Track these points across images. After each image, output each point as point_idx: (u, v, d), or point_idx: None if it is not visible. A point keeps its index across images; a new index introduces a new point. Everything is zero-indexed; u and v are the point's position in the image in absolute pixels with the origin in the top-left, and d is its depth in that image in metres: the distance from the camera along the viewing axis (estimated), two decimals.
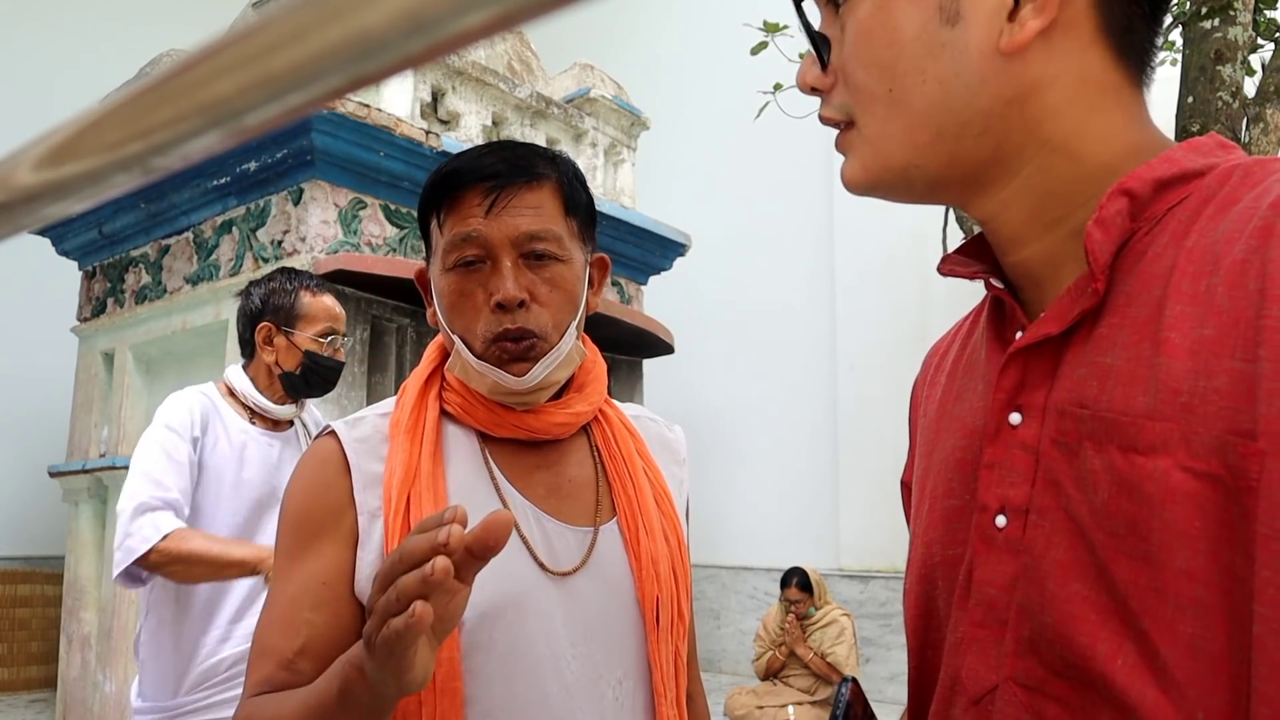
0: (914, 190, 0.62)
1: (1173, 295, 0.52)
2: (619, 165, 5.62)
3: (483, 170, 0.94)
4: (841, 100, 0.61)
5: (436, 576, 0.64)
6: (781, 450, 7.40)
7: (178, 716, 1.96)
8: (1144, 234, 0.55)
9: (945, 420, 0.69)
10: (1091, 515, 0.52)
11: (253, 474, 2.04)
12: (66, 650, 4.75)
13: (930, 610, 0.66)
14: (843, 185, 0.63)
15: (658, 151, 7.30)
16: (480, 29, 0.17)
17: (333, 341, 2.13)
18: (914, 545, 0.70)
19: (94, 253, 5.11)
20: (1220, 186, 0.54)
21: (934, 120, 0.57)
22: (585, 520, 0.98)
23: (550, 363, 0.95)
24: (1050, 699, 0.54)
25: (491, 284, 0.93)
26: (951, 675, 0.61)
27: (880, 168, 0.60)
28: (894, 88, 0.58)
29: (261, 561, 1.90)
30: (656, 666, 0.95)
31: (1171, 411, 0.49)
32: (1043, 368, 0.58)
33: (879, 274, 6.85)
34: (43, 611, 6.53)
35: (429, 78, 4.58)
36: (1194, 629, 0.48)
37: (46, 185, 0.24)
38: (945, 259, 0.67)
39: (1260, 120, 2.65)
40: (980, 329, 0.69)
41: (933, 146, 0.58)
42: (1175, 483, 0.49)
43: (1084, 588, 0.52)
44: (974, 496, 0.61)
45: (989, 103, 0.57)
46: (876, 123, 0.59)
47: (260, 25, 0.19)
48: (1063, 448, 0.55)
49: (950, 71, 0.57)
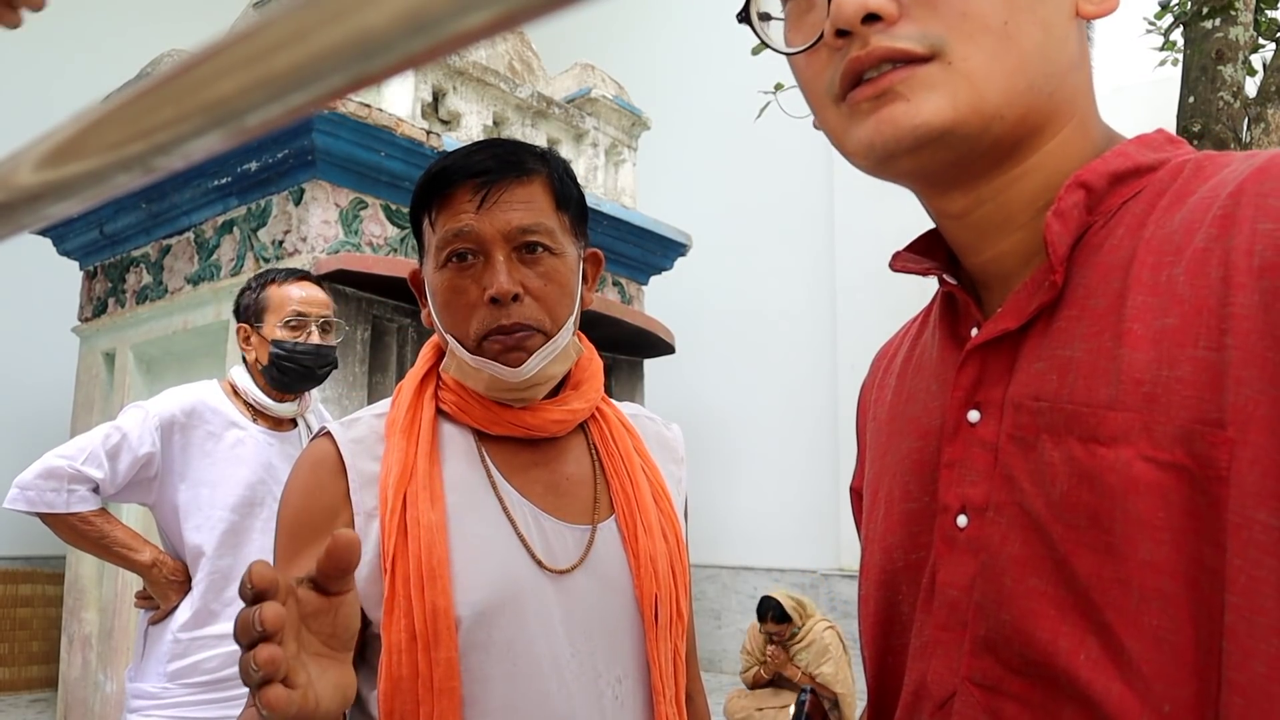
0: (975, 148, 0.54)
1: (1133, 286, 0.51)
2: (619, 165, 5.62)
3: (473, 167, 0.94)
4: (924, 30, 0.53)
5: (268, 627, 0.59)
6: (782, 450, 7.40)
7: (165, 705, 1.98)
8: (1099, 227, 0.55)
9: (898, 423, 0.67)
10: (1049, 509, 0.51)
11: (247, 472, 2.04)
12: (67, 650, 4.75)
13: (893, 616, 0.64)
14: (909, 130, 0.53)
15: (658, 151, 7.30)
16: (481, 29, 0.17)
17: (302, 326, 2.07)
18: (870, 550, 0.68)
19: (95, 253, 5.11)
20: (1173, 180, 0.54)
21: (1033, 67, 0.53)
22: (583, 518, 0.98)
23: (547, 355, 0.95)
24: (1009, 698, 0.53)
25: (485, 279, 0.93)
26: (917, 680, 0.60)
27: (972, 109, 0.52)
28: (1010, 20, 0.52)
29: (157, 565, 2.01)
30: (655, 664, 0.95)
31: (1134, 402, 0.49)
32: (1000, 364, 0.57)
33: (879, 274, 6.84)
34: (43, 611, 6.54)
35: (430, 78, 4.58)
36: (1159, 621, 0.47)
37: (47, 185, 0.24)
38: (896, 256, 0.65)
39: (1261, 120, 2.64)
40: (930, 329, 0.68)
41: (1023, 96, 0.53)
42: (1137, 473, 0.48)
43: (1042, 583, 0.51)
44: (933, 498, 0.60)
45: (1066, 63, 0.55)
46: (984, 56, 0.52)
47: (261, 25, 0.19)
48: (1018, 442, 0.54)
49: (1054, 19, 0.54)
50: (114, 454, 1.97)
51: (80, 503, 1.96)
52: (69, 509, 1.95)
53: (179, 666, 1.98)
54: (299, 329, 2.07)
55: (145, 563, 2.01)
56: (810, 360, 7.34)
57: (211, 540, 1.99)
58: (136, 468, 1.99)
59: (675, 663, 0.98)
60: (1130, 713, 0.48)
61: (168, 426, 2.01)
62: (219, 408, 2.08)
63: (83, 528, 1.98)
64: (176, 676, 1.98)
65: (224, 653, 1.99)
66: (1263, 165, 0.49)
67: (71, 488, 1.94)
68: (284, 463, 2.09)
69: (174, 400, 2.06)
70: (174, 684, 1.97)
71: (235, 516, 2.01)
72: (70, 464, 1.94)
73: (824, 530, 7.01)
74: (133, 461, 1.98)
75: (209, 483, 2.01)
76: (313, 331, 2.08)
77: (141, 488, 2.04)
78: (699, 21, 8.24)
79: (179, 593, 2.03)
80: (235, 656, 1.96)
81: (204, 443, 2.03)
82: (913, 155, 0.54)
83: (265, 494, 2.05)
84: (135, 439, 1.98)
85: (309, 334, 2.07)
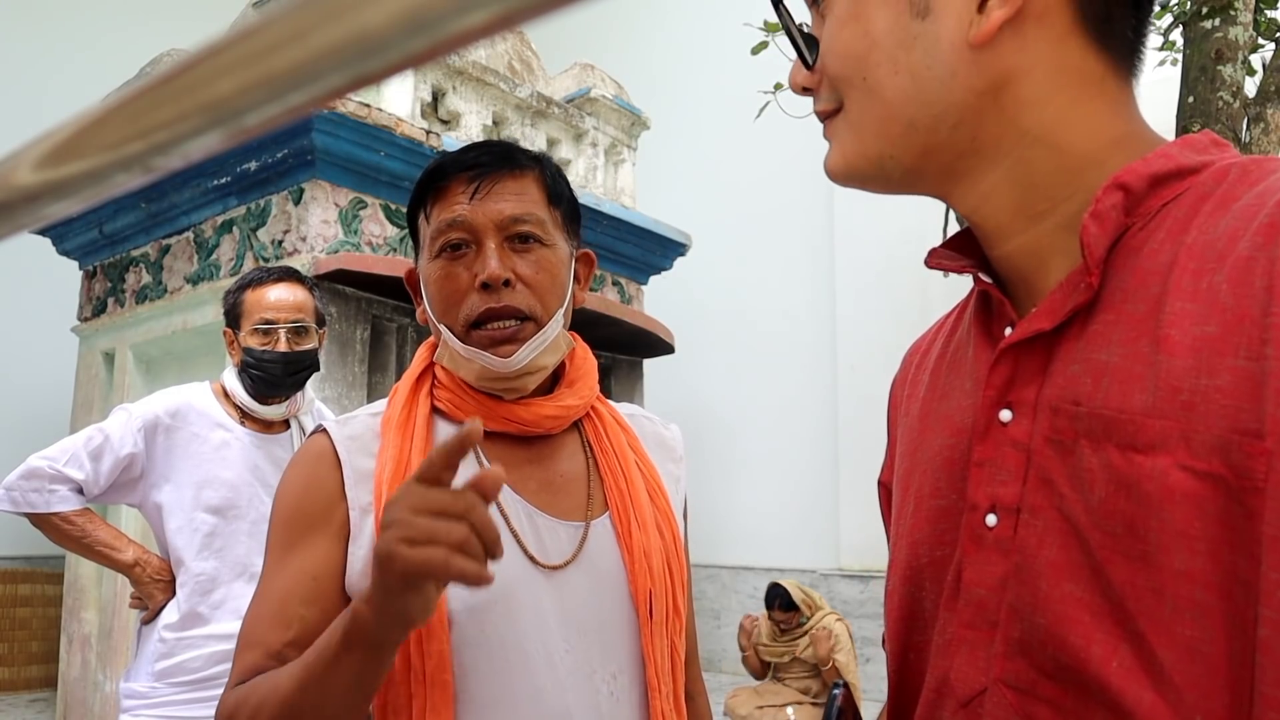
0: (891, 180, 0.62)
1: (1173, 292, 0.51)
2: (619, 165, 5.62)
3: (466, 162, 0.97)
4: (827, 91, 0.62)
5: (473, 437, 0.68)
6: (782, 450, 7.40)
7: (153, 705, 1.98)
8: (1139, 229, 0.54)
9: (930, 419, 0.68)
10: (1087, 514, 0.51)
11: (231, 475, 2.03)
12: (67, 650, 4.75)
13: (916, 612, 0.65)
14: (833, 171, 0.63)
15: (658, 151, 7.30)
16: (481, 29, 0.17)
17: (271, 333, 2.03)
18: (897, 545, 0.69)
19: (94, 252, 5.11)
20: (1218, 184, 0.53)
21: (906, 112, 0.58)
22: (577, 515, 0.98)
23: (537, 345, 0.96)
24: (1041, 701, 0.53)
25: (476, 266, 0.95)
26: (939, 677, 0.60)
27: (857, 155, 0.61)
28: (868, 77, 0.58)
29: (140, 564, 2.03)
30: (650, 660, 0.95)
31: (1171, 409, 0.48)
32: (1034, 364, 0.57)
33: (879, 274, 6.84)
34: (43, 611, 6.53)
35: (429, 77, 4.58)
36: (1193, 631, 0.47)
37: (46, 185, 0.24)
38: (932, 252, 0.66)
39: (1261, 120, 2.64)
40: (965, 325, 0.68)
41: (905, 137, 0.58)
42: (1174, 482, 0.47)
43: (1078, 588, 0.51)
44: (962, 495, 0.60)
45: (962, 95, 0.57)
46: (855, 110, 0.60)
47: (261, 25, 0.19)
48: (1056, 445, 0.54)
49: (922, 64, 0.57)
50: (96, 455, 1.98)
51: (61, 503, 1.97)
52: (50, 509, 1.97)
53: (165, 666, 1.98)
54: (268, 336, 2.03)
55: (128, 562, 2.02)
56: (810, 360, 7.33)
57: (193, 543, 2.00)
58: (119, 469, 2.00)
59: (672, 659, 0.99)
60: None
61: (151, 428, 2.01)
62: (206, 410, 2.08)
63: (65, 528, 2.00)
64: (163, 676, 1.98)
65: (208, 653, 1.99)
66: None
67: (52, 488, 1.97)
68: (271, 465, 2.08)
69: (159, 402, 2.06)
70: (161, 683, 1.98)
71: (216, 519, 2.01)
72: (51, 465, 1.96)
73: (824, 530, 7.01)
74: (115, 462, 1.99)
75: (191, 484, 2.01)
76: (280, 338, 2.03)
77: (126, 489, 2.05)
78: (698, 21, 8.24)
79: (164, 592, 2.03)
80: (219, 656, 1.98)
81: (188, 444, 2.03)
82: (853, 184, 0.63)
83: (251, 496, 2.04)
84: (117, 440, 1.99)
85: (277, 341, 2.03)
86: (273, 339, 2.03)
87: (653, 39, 8.66)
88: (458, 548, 0.68)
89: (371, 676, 0.78)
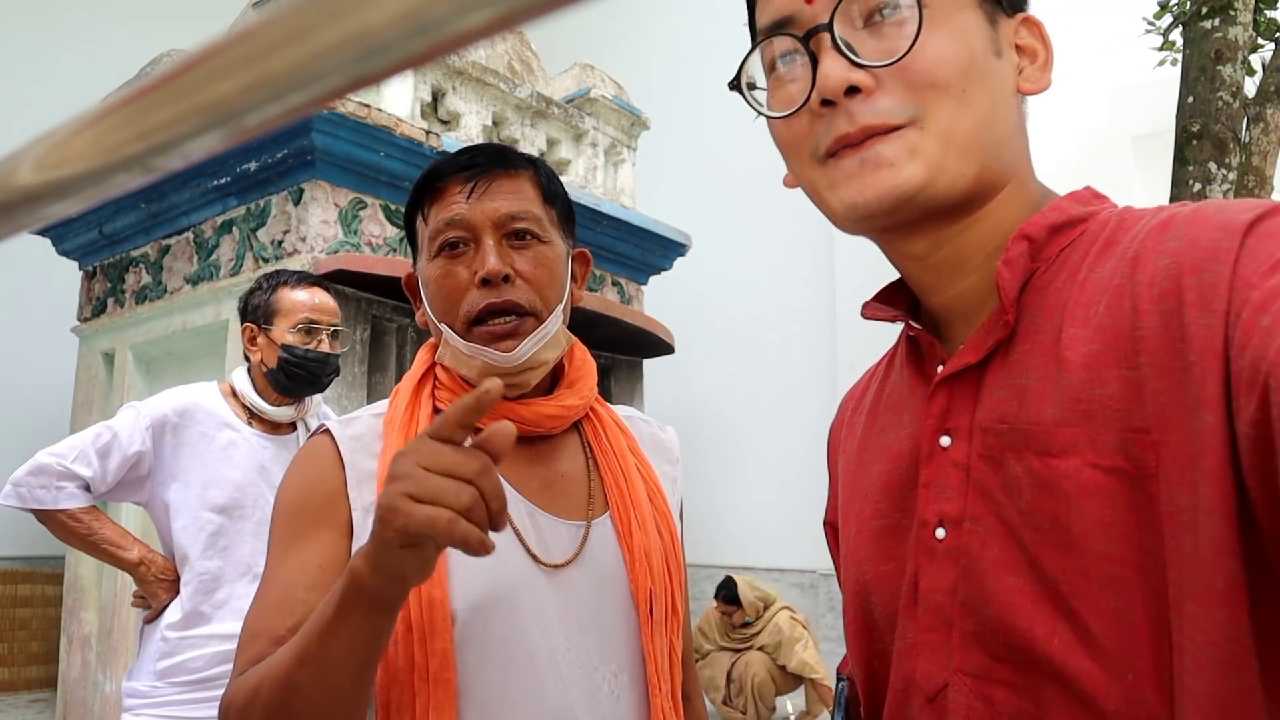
0: (944, 204, 0.62)
1: (1069, 320, 0.59)
2: (619, 165, 5.62)
3: (462, 164, 0.99)
4: (900, 102, 0.60)
5: (493, 394, 0.67)
6: (781, 450, 7.39)
7: (154, 704, 1.98)
8: (1043, 271, 0.63)
9: (868, 453, 0.75)
10: (1019, 516, 0.59)
11: (238, 474, 2.04)
12: (67, 650, 4.75)
13: (869, 623, 0.72)
14: (890, 190, 0.61)
15: (658, 151, 7.30)
16: (481, 29, 0.17)
17: (314, 333, 2.10)
18: (846, 566, 0.76)
19: (94, 253, 5.11)
20: (1102, 230, 0.63)
21: (986, 132, 0.62)
22: (577, 514, 0.99)
23: (538, 340, 0.96)
24: (997, 683, 0.60)
25: (476, 263, 0.96)
26: (905, 678, 0.66)
27: (940, 168, 0.61)
28: (968, 89, 0.62)
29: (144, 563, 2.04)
30: (651, 659, 0.96)
31: (1076, 418, 0.56)
32: (966, 394, 0.65)
33: (879, 275, 6.79)
34: (43, 611, 6.54)
35: (429, 78, 4.58)
36: (1116, 603, 0.54)
37: (46, 185, 0.24)
38: (867, 305, 0.75)
39: (1260, 120, 2.65)
40: (897, 370, 0.77)
41: (978, 157, 0.62)
42: (1086, 479, 0.55)
43: (1018, 580, 0.58)
44: (904, 515, 0.68)
45: (1010, 130, 0.64)
46: (950, 121, 0.61)
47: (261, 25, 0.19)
48: (989, 460, 0.61)
49: (998, 93, 0.63)
50: (104, 452, 1.98)
51: (68, 499, 1.98)
52: (57, 505, 1.97)
53: (166, 665, 1.98)
54: (311, 336, 2.09)
55: (133, 561, 2.03)
56: (810, 360, 7.33)
57: (198, 542, 2.00)
58: (127, 466, 2.00)
59: (671, 658, 1.00)
60: (1099, 685, 0.55)
61: (159, 426, 2.02)
62: (214, 409, 2.08)
63: (71, 524, 2.00)
64: (164, 675, 1.98)
65: (210, 652, 1.99)
66: (1164, 220, 0.58)
67: (60, 484, 1.97)
68: (278, 466, 2.09)
69: (167, 400, 2.07)
70: (162, 682, 1.98)
71: (222, 518, 2.01)
72: (59, 461, 1.97)
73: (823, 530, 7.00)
74: (123, 460, 1.99)
75: (198, 483, 2.02)
76: (324, 339, 2.11)
77: (133, 486, 2.05)
78: (698, 21, 8.24)
79: (168, 591, 2.04)
80: (221, 656, 1.99)
81: (196, 443, 2.04)
82: (890, 214, 0.62)
83: (256, 496, 2.05)
84: (125, 438, 1.99)
85: (320, 342, 2.11)
86: (316, 339, 2.10)
87: (653, 39, 8.66)
88: (464, 512, 0.66)
89: (371, 643, 0.75)
